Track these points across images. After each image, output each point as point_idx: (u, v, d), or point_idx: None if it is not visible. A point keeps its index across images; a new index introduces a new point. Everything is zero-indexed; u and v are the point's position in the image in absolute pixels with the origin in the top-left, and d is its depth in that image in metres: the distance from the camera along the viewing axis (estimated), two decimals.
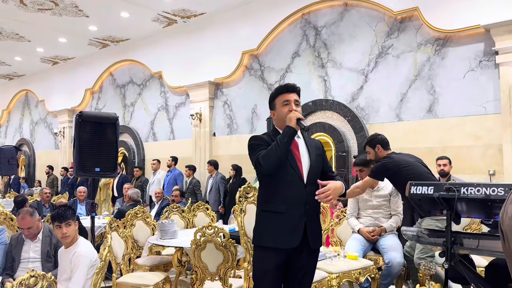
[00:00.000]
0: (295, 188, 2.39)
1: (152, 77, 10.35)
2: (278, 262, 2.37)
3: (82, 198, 7.24)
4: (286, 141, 2.34)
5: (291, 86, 2.52)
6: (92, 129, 4.78)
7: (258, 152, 2.37)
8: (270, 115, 2.63)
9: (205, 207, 5.84)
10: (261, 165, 2.34)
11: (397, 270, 3.66)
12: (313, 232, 2.42)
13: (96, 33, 10.15)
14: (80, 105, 12.08)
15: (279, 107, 2.49)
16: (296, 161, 2.43)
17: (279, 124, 2.50)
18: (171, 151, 9.53)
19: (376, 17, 6.71)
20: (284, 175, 2.39)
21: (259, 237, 2.45)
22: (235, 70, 8.47)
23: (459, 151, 5.83)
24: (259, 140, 2.47)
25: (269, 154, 2.33)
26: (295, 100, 2.47)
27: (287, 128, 2.36)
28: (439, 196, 2.54)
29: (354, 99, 6.90)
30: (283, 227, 2.36)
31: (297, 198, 2.38)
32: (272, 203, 2.40)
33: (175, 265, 4.67)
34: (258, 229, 2.48)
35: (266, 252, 2.39)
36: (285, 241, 2.34)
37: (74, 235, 3.04)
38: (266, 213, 2.44)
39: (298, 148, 2.48)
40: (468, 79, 5.83)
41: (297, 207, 2.38)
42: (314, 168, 2.47)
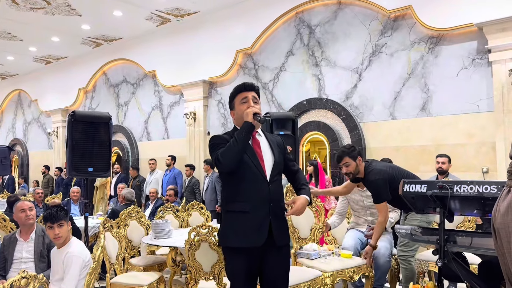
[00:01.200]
0: (259, 186, 2.39)
1: (146, 76, 10.31)
2: (247, 262, 2.37)
3: (75, 198, 7.20)
4: (243, 136, 2.35)
5: (249, 84, 2.54)
6: (85, 129, 4.76)
7: (218, 150, 2.39)
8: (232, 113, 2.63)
9: (199, 206, 5.82)
10: (220, 162, 2.35)
11: (382, 261, 3.64)
12: (278, 230, 2.42)
13: (89, 32, 10.09)
14: (73, 105, 12.01)
15: (238, 105, 2.51)
16: (258, 159, 2.43)
17: (239, 122, 2.51)
18: (166, 150, 9.51)
19: (369, 15, 6.72)
20: (247, 174, 2.39)
21: (225, 238, 2.46)
22: (229, 69, 8.45)
23: (453, 149, 5.85)
24: (219, 139, 2.48)
25: (227, 151, 2.34)
26: (253, 97, 2.49)
27: (244, 124, 2.38)
28: (432, 194, 2.54)
29: (348, 97, 6.90)
30: (248, 226, 2.36)
31: (261, 196, 2.38)
32: (236, 203, 2.41)
33: (170, 265, 4.64)
34: (223, 230, 2.48)
35: (234, 253, 2.40)
36: (250, 240, 2.35)
37: (67, 235, 3.01)
38: (230, 213, 2.44)
39: (259, 145, 2.49)
40: (461, 77, 5.86)
41: (261, 205, 2.38)
42: (277, 165, 2.49)
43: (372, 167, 3.54)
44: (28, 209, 3.65)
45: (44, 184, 11.82)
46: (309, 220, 3.94)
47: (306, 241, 3.84)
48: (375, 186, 3.46)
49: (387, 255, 3.59)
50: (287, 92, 7.68)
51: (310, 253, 3.45)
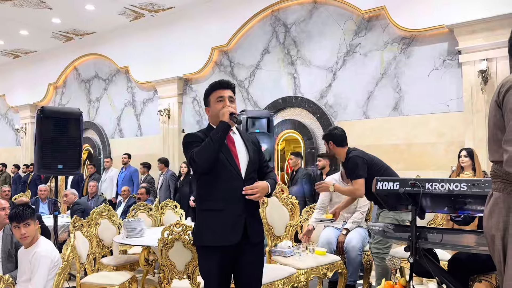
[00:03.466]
0: (233, 184, 2.38)
1: (119, 72, 10.10)
2: (222, 260, 2.36)
3: (43, 197, 6.99)
4: (219, 136, 2.33)
5: (225, 82, 2.52)
6: (55, 125, 4.63)
7: (192, 149, 2.35)
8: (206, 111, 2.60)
9: (173, 204, 5.74)
10: (195, 162, 2.33)
11: (353, 255, 3.68)
12: (253, 228, 2.42)
13: (60, 26, 9.80)
14: (43, 100, 11.66)
15: (213, 104, 2.48)
16: (233, 156, 2.42)
17: (214, 120, 2.49)
18: (139, 148, 9.37)
19: (344, 15, 6.79)
20: (222, 172, 2.38)
21: (200, 237, 2.42)
22: (204, 66, 8.38)
23: (424, 148, 5.99)
24: (193, 138, 2.45)
25: (202, 151, 2.32)
26: (229, 97, 2.47)
27: (220, 123, 2.36)
28: (405, 192, 2.58)
29: (323, 96, 6.96)
30: (223, 224, 2.34)
31: (236, 194, 2.37)
32: (211, 201, 2.39)
33: (142, 264, 4.56)
34: (198, 229, 2.45)
35: (208, 252, 2.38)
36: (225, 238, 2.33)
37: (34, 235, 2.91)
38: (205, 212, 2.42)
39: (234, 144, 2.48)
40: (432, 77, 5.99)
41: (236, 203, 2.37)
42: (252, 164, 2.48)
43: (352, 149, 3.63)
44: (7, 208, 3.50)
45: (1, 182, 11.50)
46: (284, 218, 3.95)
47: (281, 238, 3.85)
48: (352, 163, 3.47)
49: (358, 249, 3.65)
50: (263, 90, 7.68)
51: (284, 251, 3.46)
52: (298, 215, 4.01)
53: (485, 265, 2.78)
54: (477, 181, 2.41)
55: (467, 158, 4.78)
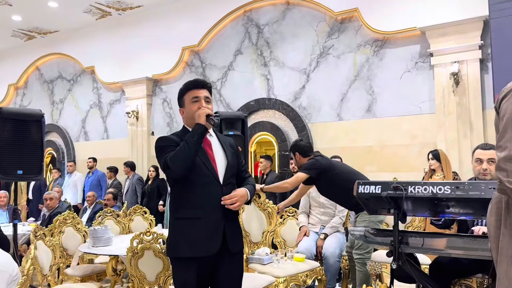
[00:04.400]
0: (211, 190, 2.22)
1: (84, 72, 9.72)
2: (199, 272, 2.19)
3: (3, 204, 6.57)
4: (196, 140, 2.17)
5: (201, 81, 2.37)
6: (14, 127, 4.32)
7: (166, 154, 2.18)
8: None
9: (142, 210, 5.51)
10: (170, 168, 2.15)
11: (331, 261, 3.64)
12: (232, 236, 2.27)
13: (21, 24, 9.33)
14: (2, 102, 11.09)
15: (188, 104, 2.33)
16: (210, 161, 2.27)
17: (189, 122, 2.33)
18: (105, 151, 9.01)
19: (317, 16, 6.75)
20: (198, 177, 2.21)
21: (175, 248, 2.23)
22: (175, 66, 8.16)
23: (397, 149, 6.00)
24: (166, 141, 2.28)
25: (177, 156, 2.14)
26: (205, 97, 2.32)
27: (196, 126, 2.20)
28: (387, 195, 2.50)
29: (297, 98, 6.89)
30: (201, 233, 2.18)
31: (213, 200, 2.21)
32: (187, 209, 2.22)
33: (110, 274, 4.33)
34: (172, 239, 2.26)
35: (184, 263, 2.20)
36: (203, 248, 2.17)
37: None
38: (180, 220, 2.24)
39: (211, 147, 2.33)
40: (405, 80, 6.02)
41: (214, 210, 2.21)
42: (230, 168, 2.33)
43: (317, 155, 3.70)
44: None
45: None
46: (261, 224, 3.82)
47: (258, 245, 3.71)
48: (306, 163, 3.58)
49: (337, 255, 3.58)
50: (236, 91, 7.54)
51: (262, 258, 3.32)
52: (275, 220, 3.89)
53: (467, 269, 2.75)
54: (461, 184, 2.36)
55: (434, 161, 4.84)
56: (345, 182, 3.49)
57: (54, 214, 5.59)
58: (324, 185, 3.57)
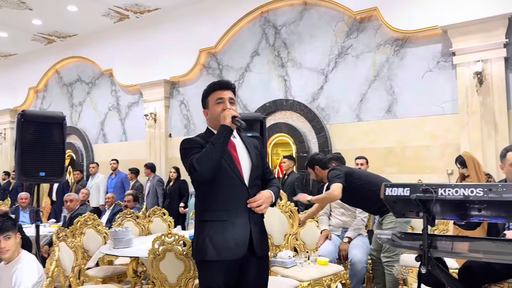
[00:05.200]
0: (237, 192, 2.20)
1: (102, 75, 9.82)
2: (226, 275, 2.17)
3: (24, 205, 6.66)
4: (221, 142, 2.15)
5: (225, 82, 2.34)
6: (36, 130, 4.36)
7: (192, 156, 2.16)
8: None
9: (161, 212, 5.52)
10: (196, 171, 2.12)
11: (359, 268, 3.57)
12: (258, 239, 2.25)
13: (41, 28, 9.48)
14: (23, 105, 11.28)
15: (212, 106, 2.31)
16: (235, 162, 2.24)
17: (213, 124, 2.31)
18: (124, 153, 9.08)
19: (335, 16, 6.68)
20: (224, 179, 2.19)
21: (202, 251, 2.21)
22: (192, 68, 8.17)
23: (418, 151, 5.89)
24: (191, 143, 2.26)
25: (203, 158, 2.12)
26: (229, 98, 2.30)
27: (222, 128, 2.18)
28: (416, 198, 2.43)
29: (315, 99, 6.82)
30: (227, 236, 2.16)
31: (240, 203, 2.20)
32: (213, 212, 2.20)
33: (130, 276, 4.34)
34: (199, 242, 2.23)
35: (211, 267, 2.18)
36: (230, 252, 2.15)
37: (15, 249, 2.67)
38: (206, 223, 2.22)
39: (235, 148, 2.30)
40: (426, 79, 5.91)
41: (240, 213, 2.20)
42: (255, 169, 2.30)
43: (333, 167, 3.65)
44: None
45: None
46: (283, 226, 3.78)
47: (280, 248, 3.67)
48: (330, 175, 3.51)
49: (364, 261, 3.50)
50: (253, 93, 7.51)
51: (285, 261, 3.27)
52: (297, 222, 3.83)
53: (499, 273, 2.66)
54: (494, 186, 2.28)
55: (464, 169, 4.70)
56: (368, 185, 3.43)
57: (74, 216, 5.64)
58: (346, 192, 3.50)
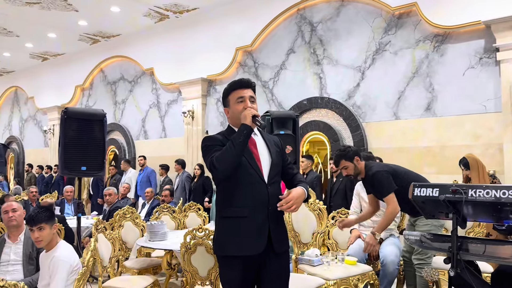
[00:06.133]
0: (257, 189, 2.22)
1: (144, 74, 10.13)
2: (246, 270, 2.21)
3: (69, 198, 7.02)
4: (241, 141, 2.17)
5: (245, 81, 2.34)
6: (79, 126, 4.60)
7: (212, 154, 2.20)
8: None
9: (196, 207, 5.65)
10: (216, 168, 2.16)
11: (391, 269, 3.48)
12: (277, 235, 2.26)
13: (86, 28, 9.91)
14: (70, 102, 11.83)
15: (233, 104, 2.32)
16: (255, 160, 2.26)
17: (234, 122, 2.33)
18: (163, 149, 9.35)
19: (373, 12, 6.55)
20: (243, 176, 2.22)
21: (222, 246, 2.26)
22: (228, 66, 8.28)
23: (458, 150, 5.67)
24: (212, 141, 2.29)
25: (223, 156, 2.16)
26: (250, 97, 2.31)
27: (242, 127, 2.19)
28: (445, 199, 2.37)
29: (351, 96, 6.73)
30: (246, 232, 2.19)
31: (259, 200, 2.22)
32: (233, 208, 2.23)
33: (165, 268, 4.48)
34: (219, 237, 2.28)
35: (231, 262, 2.22)
36: (249, 247, 2.18)
37: (50, 239, 2.82)
38: (226, 219, 2.26)
39: (256, 146, 2.32)
40: (468, 76, 5.69)
41: (259, 209, 2.21)
42: (275, 166, 2.32)
43: (372, 164, 3.45)
44: (11, 211, 3.47)
45: (27, 182, 11.78)
46: (311, 224, 3.77)
47: (308, 246, 3.66)
48: (377, 179, 3.30)
49: (397, 263, 3.43)
50: (288, 90, 7.51)
51: (312, 259, 3.28)
52: (325, 221, 3.81)
53: None
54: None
55: (468, 171, 4.62)
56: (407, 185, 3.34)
57: (113, 209, 5.88)
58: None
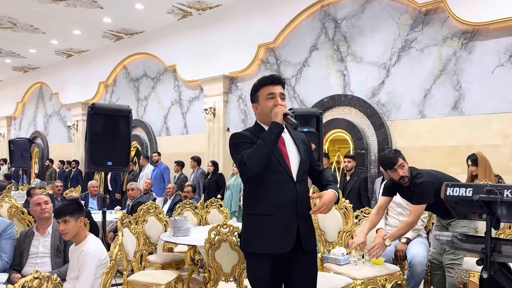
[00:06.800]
0: (285, 187, 2.20)
1: (166, 71, 10.21)
2: (273, 268, 2.19)
3: (94, 193, 7.12)
4: (273, 139, 2.14)
5: (276, 77, 2.31)
6: (105, 122, 4.66)
7: (242, 152, 2.18)
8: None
9: (218, 203, 5.67)
10: (247, 166, 2.14)
11: (419, 270, 3.42)
12: (306, 234, 2.25)
13: (111, 25, 10.03)
14: (93, 98, 12.02)
15: (263, 101, 2.29)
16: (284, 157, 2.24)
17: (262, 119, 2.31)
18: (184, 146, 9.41)
19: (399, 9, 6.44)
20: (272, 174, 2.19)
21: (249, 244, 2.25)
22: (250, 63, 8.27)
23: (486, 150, 5.51)
24: (241, 138, 2.27)
25: (254, 154, 2.13)
26: (280, 93, 2.27)
27: (273, 125, 2.16)
28: (479, 199, 2.31)
29: (375, 94, 6.64)
30: (275, 230, 2.17)
31: (288, 198, 2.20)
32: (261, 206, 2.21)
33: (188, 264, 4.51)
34: (246, 234, 2.27)
35: (258, 259, 2.21)
36: (276, 245, 2.17)
37: (76, 232, 2.87)
38: (254, 216, 2.24)
39: (284, 143, 2.29)
40: (497, 74, 5.54)
41: (288, 208, 2.20)
42: (304, 164, 2.30)
43: (418, 171, 3.31)
44: (43, 203, 3.56)
45: (47, 177, 12.04)
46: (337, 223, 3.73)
47: (334, 245, 3.63)
48: (423, 187, 3.19)
49: (425, 264, 3.37)
50: (310, 88, 7.46)
51: (338, 258, 3.24)
52: (352, 220, 3.77)
53: None
54: None
55: (474, 167, 4.60)
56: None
57: (135, 204, 5.95)
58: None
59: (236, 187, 7.43)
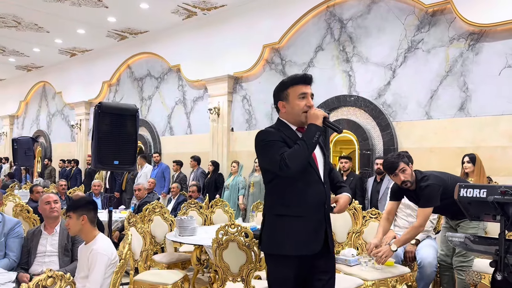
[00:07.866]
0: (315, 188, 2.19)
1: (170, 71, 10.20)
2: (298, 270, 2.18)
3: (97, 192, 7.11)
4: (315, 142, 2.13)
5: (309, 77, 2.29)
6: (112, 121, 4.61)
7: (279, 151, 2.13)
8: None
9: (223, 203, 5.66)
10: (288, 167, 2.08)
11: (429, 271, 3.40)
12: (331, 234, 2.27)
13: (115, 25, 10.03)
14: (97, 98, 12.02)
15: (293, 100, 2.25)
16: (313, 159, 2.23)
17: (290, 118, 2.27)
18: (188, 145, 9.40)
19: (405, 9, 6.42)
20: (303, 175, 2.17)
21: (276, 245, 2.20)
22: (255, 64, 8.25)
23: (493, 151, 5.53)
24: (273, 136, 2.21)
25: (296, 155, 2.10)
26: (311, 94, 2.27)
27: (314, 127, 2.14)
28: (494, 200, 2.30)
29: (381, 95, 6.62)
30: (305, 232, 2.16)
31: (317, 199, 2.19)
32: (291, 207, 2.18)
33: (194, 263, 4.49)
34: (274, 236, 2.22)
35: (285, 261, 2.18)
36: (308, 247, 2.15)
37: (79, 229, 2.86)
38: (283, 218, 2.21)
39: None
40: (504, 76, 5.52)
41: (318, 209, 2.19)
42: (327, 165, 2.33)
43: (425, 174, 3.27)
44: (53, 202, 3.56)
45: (46, 175, 12.05)
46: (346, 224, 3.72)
47: (343, 245, 3.62)
48: (429, 190, 3.16)
49: (435, 265, 3.35)
50: (315, 88, 7.24)
51: (348, 259, 3.23)
52: (361, 220, 3.75)
53: None
54: None
55: (470, 164, 4.65)
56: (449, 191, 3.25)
57: (142, 204, 5.95)
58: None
59: (235, 187, 7.43)
